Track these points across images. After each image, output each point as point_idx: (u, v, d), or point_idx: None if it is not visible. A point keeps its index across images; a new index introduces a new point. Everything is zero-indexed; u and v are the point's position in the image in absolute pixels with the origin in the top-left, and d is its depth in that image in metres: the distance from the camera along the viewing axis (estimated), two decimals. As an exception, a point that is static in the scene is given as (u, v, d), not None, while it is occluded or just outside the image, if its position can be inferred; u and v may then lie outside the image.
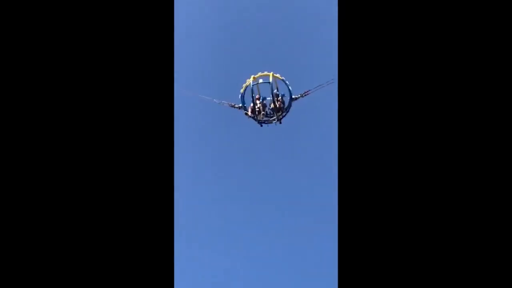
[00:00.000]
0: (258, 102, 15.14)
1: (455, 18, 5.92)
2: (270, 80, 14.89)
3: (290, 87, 15.07)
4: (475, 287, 5.53)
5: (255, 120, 15.31)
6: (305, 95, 15.22)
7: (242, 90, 15.35)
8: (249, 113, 15.25)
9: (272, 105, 15.16)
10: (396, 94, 5.99)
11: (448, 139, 5.80)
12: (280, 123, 15.25)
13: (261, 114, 15.10)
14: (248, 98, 15.33)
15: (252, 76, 15.02)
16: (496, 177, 5.58)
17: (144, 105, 6.06)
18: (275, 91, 15.01)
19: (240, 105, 15.41)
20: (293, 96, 15.18)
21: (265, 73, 15.01)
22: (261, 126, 15.53)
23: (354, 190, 6.03)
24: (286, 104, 15.23)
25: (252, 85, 14.89)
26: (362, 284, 5.86)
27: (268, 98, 15.24)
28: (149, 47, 6.15)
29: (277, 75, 14.98)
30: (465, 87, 5.79)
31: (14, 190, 5.56)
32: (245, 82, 15.21)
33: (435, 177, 5.79)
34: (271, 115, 15.22)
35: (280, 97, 15.10)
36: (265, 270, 30.96)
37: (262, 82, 15.07)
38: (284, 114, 15.20)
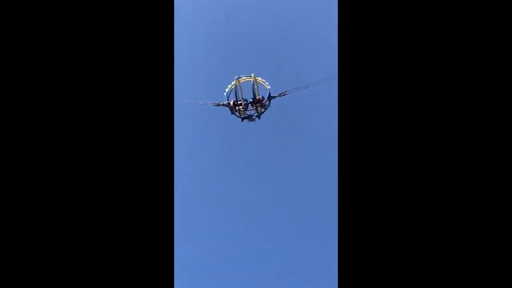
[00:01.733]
0: (241, 100, 16.94)
1: (454, 16, 5.90)
2: (251, 80, 16.83)
3: (269, 87, 16.97)
4: (475, 287, 5.50)
5: (237, 115, 17.12)
6: (282, 95, 17.15)
7: (227, 90, 17.13)
8: (231, 103, 16.85)
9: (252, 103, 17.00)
10: (397, 87, 5.99)
11: (448, 136, 5.76)
12: (259, 118, 17.17)
13: (242, 106, 16.79)
14: (232, 97, 17.11)
15: (237, 79, 16.90)
16: (495, 177, 5.55)
17: (143, 104, 6.08)
18: (255, 86, 16.87)
19: (225, 102, 17.06)
20: (271, 95, 17.09)
21: (248, 77, 16.93)
22: (242, 121, 17.36)
23: (354, 185, 6.01)
24: (265, 102, 17.09)
25: (236, 86, 16.85)
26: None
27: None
28: (150, 48, 6.13)
29: (259, 78, 16.90)
30: (465, 83, 5.77)
31: (14, 190, 5.55)
32: (230, 84, 17.03)
33: (436, 165, 5.77)
34: (252, 111, 17.04)
35: (258, 96, 16.96)
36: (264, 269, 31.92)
37: (245, 80, 16.98)
38: (263, 110, 17.05)
